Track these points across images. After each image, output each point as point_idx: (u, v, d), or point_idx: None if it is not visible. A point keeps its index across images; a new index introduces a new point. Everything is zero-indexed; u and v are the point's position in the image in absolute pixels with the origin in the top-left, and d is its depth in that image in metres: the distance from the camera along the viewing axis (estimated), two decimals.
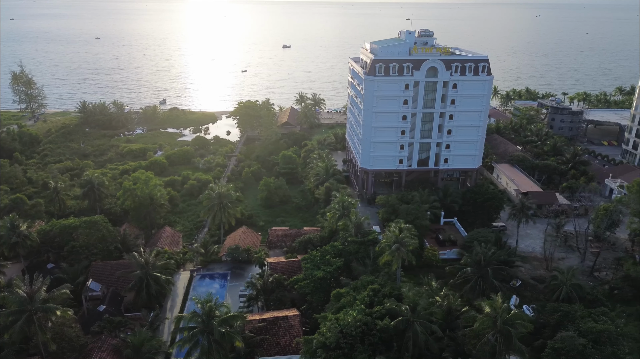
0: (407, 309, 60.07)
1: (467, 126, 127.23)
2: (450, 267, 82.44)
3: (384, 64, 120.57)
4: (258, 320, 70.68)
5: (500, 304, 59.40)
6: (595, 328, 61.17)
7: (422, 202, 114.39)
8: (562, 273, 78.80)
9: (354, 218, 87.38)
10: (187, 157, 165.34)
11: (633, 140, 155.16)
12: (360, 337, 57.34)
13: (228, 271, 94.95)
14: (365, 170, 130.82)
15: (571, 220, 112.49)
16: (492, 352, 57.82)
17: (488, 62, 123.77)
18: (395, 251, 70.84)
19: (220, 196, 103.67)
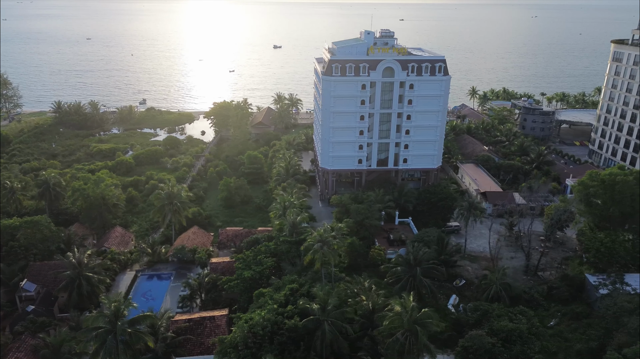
0: (318, 308, 60.16)
1: (425, 126, 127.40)
2: (384, 266, 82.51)
3: (340, 64, 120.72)
4: (184, 320, 70.81)
5: (410, 303, 59.48)
6: (506, 326, 61.33)
7: (377, 202, 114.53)
8: (492, 273, 78.94)
9: (290, 217, 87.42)
10: (156, 157, 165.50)
11: (598, 140, 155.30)
12: (269, 336, 57.44)
13: (173, 271, 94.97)
14: (325, 170, 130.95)
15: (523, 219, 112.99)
16: (401, 351, 57.92)
17: (445, 62, 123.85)
18: (318, 250, 70.84)
19: (170, 197, 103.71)
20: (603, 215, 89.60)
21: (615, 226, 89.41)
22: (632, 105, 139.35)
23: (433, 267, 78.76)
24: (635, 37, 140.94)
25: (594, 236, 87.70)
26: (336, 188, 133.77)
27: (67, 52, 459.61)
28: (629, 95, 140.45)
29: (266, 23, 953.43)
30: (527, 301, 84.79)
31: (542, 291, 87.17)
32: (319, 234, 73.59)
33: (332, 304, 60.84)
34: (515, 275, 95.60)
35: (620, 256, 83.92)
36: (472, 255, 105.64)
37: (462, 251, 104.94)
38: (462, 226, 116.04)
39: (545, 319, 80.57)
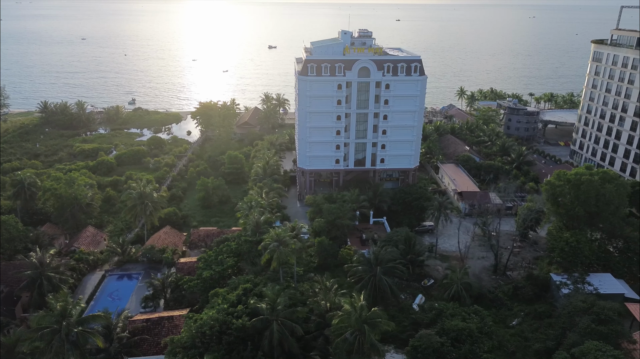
0: (267, 308, 60.16)
1: (402, 126, 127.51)
2: (347, 266, 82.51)
3: (316, 64, 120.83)
4: (142, 320, 70.77)
5: (359, 303, 59.46)
6: (457, 326, 61.31)
7: (352, 202, 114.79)
8: (453, 272, 78.96)
9: (253, 217, 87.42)
10: (138, 157, 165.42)
11: (579, 140, 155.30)
12: (217, 336, 57.41)
13: (142, 271, 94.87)
14: (302, 170, 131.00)
15: (497, 219, 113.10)
16: (350, 350, 57.90)
17: (420, 62, 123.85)
18: (275, 250, 70.79)
19: (142, 196, 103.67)
20: (570, 215, 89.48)
21: (582, 226, 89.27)
22: (611, 105, 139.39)
23: (394, 267, 78.68)
24: (614, 37, 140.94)
25: (559, 236, 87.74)
26: (315, 188, 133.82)
27: (60, 52, 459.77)
28: (608, 95, 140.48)
29: (263, 23, 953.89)
30: (491, 300, 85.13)
31: (508, 290, 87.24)
32: (275, 234, 73.52)
33: (282, 304, 60.78)
34: (483, 274, 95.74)
35: (584, 256, 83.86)
36: (444, 255, 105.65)
37: (434, 251, 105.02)
38: (438, 226, 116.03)
39: (507, 319, 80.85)
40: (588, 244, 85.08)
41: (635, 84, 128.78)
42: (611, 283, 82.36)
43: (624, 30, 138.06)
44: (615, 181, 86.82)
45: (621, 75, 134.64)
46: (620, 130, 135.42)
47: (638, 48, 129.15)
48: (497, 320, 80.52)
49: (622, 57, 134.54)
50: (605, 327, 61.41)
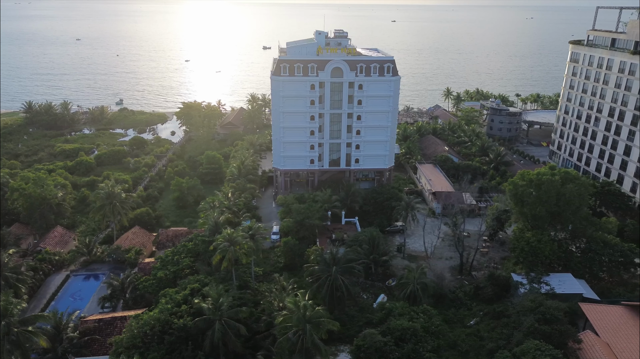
0: (210, 307, 60.17)
1: (376, 126, 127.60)
2: (306, 266, 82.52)
3: (289, 64, 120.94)
4: (94, 320, 70.80)
5: (302, 302, 59.48)
6: (401, 325, 61.33)
7: (324, 202, 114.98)
8: (410, 272, 79.03)
9: (212, 216, 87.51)
10: (118, 157, 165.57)
11: (558, 140, 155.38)
12: (158, 336, 57.45)
13: (107, 271, 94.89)
14: (277, 170, 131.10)
15: (470, 219, 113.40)
16: (292, 350, 57.93)
17: (394, 62, 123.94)
18: (226, 250, 70.80)
19: (110, 196, 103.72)
20: (533, 215, 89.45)
21: (544, 226, 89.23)
22: (587, 106, 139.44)
23: (352, 266, 78.69)
24: (590, 38, 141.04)
25: (521, 236, 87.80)
26: (291, 188, 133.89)
27: (52, 53, 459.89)
28: (584, 95, 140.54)
29: (260, 24, 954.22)
30: (451, 300, 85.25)
31: (469, 290, 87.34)
32: (227, 234, 73.57)
33: (226, 304, 60.80)
34: (448, 274, 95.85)
35: (544, 256, 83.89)
36: (412, 255, 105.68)
37: (403, 251, 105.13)
38: (407, 226, 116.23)
39: (465, 319, 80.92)
40: (549, 244, 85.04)
41: (610, 85, 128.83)
42: (571, 283, 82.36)
43: (600, 30, 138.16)
44: (576, 182, 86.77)
45: (597, 76, 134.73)
46: (595, 130, 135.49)
47: (612, 48, 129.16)
48: (455, 320, 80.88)
49: (597, 57, 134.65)
50: (548, 327, 61.42)
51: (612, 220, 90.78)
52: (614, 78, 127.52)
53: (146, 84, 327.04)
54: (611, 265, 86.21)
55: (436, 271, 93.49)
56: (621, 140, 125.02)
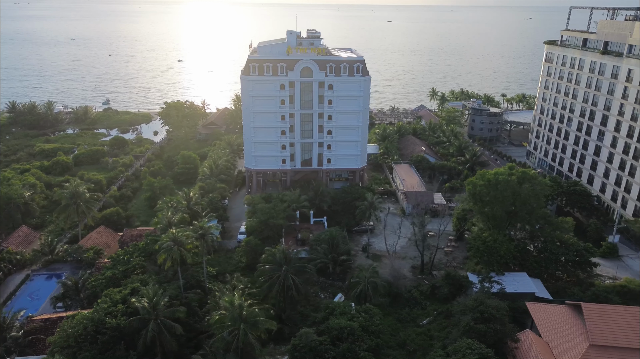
0: (146, 307, 60.27)
1: (347, 126, 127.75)
2: (259, 265, 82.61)
3: (258, 64, 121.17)
4: (40, 320, 70.93)
5: (238, 301, 59.61)
6: (338, 324, 61.44)
7: (292, 202, 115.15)
8: (361, 271, 79.13)
9: (165, 216, 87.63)
10: (97, 157, 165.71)
11: (534, 141, 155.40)
12: (92, 336, 57.59)
13: (68, 271, 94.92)
14: (249, 170, 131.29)
15: (437, 219, 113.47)
16: (227, 349, 58.04)
17: (363, 63, 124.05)
18: (170, 249, 70.92)
19: (74, 196, 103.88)
20: (492, 215, 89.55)
21: (503, 226, 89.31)
22: (560, 106, 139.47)
23: (303, 266, 78.81)
24: (564, 38, 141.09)
25: (478, 236, 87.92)
26: (265, 188, 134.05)
27: (45, 53, 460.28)
28: (558, 96, 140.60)
29: (258, 24, 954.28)
30: (407, 299, 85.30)
31: (426, 290, 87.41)
32: (172, 233, 73.72)
33: (163, 303, 60.93)
34: (410, 273, 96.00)
35: (500, 256, 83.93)
36: (377, 254, 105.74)
37: (367, 251, 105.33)
38: (375, 226, 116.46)
39: (418, 318, 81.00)
40: (505, 244, 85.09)
41: (581, 85, 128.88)
42: (525, 283, 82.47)
43: (572, 30, 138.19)
44: (533, 181, 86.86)
45: (569, 76, 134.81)
46: (568, 130, 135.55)
47: (584, 49, 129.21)
48: (408, 319, 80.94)
49: (570, 57, 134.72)
50: (484, 326, 61.49)
51: (568, 219, 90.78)
52: (585, 78, 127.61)
53: (134, 84, 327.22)
54: (567, 265, 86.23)
55: (398, 270, 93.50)
56: (592, 141, 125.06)
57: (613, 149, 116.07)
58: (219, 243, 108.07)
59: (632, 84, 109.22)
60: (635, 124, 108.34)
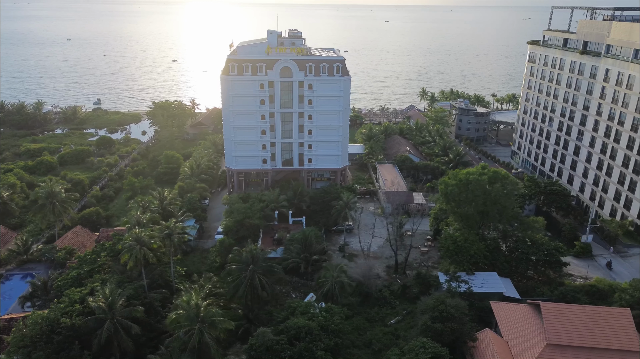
0: (102, 307, 60.30)
1: (328, 126, 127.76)
2: (227, 265, 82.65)
3: (237, 63, 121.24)
4: (5, 319, 70.98)
5: (195, 300, 59.65)
6: (296, 324, 61.46)
7: (271, 201, 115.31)
8: (327, 270, 79.13)
9: (133, 215, 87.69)
10: (82, 156, 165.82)
11: (518, 140, 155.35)
12: (47, 335, 57.65)
13: (41, 271, 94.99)
14: (230, 170, 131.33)
15: (415, 219, 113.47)
16: (183, 349, 58.05)
17: (343, 62, 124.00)
18: (133, 249, 70.92)
19: (50, 195, 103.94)
20: (465, 214, 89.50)
21: (474, 225, 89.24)
22: (542, 106, 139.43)
23: (271, 266, 78.85)
24: (546, 38, 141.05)
25: (449, 235, 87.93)
26: (247, 188, 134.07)
27: (40, 53, 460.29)
28: (540, 95, 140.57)
29: (256, 24, 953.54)
30: (377, 299, 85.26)
31: (397, 289, 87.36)
32: (134, 233, 73.75)
33: (120, 303, 60.96)
34: (384, 273, 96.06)
35: (470, 255, 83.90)
36: (353, 254, 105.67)
37: (344, 250, 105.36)
38: (353, 226, 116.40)
39: (387, 318, 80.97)
40: (476, 243, 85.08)
41: (562, 85, 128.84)
42: (494, 282, 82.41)
43: (554, 30, 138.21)
44: (504, 181, 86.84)
45: (550, 76, 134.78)
46: (549, 130, 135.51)
47: (564, 48, 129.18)
48: (377, 319, 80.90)
49: (551, 57, 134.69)
50: (441, 325, 61.48)
51: (539, 219, 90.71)
52: (565, 78, 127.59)
53: (126, 85, 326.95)
54: (538, 264, 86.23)
55: (369, 269, 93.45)
56: (571, 140, 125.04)
57: (591, 149, 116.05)
58: (196, 242, 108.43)
59: (609, 84, 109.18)
60: (612, 124, 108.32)
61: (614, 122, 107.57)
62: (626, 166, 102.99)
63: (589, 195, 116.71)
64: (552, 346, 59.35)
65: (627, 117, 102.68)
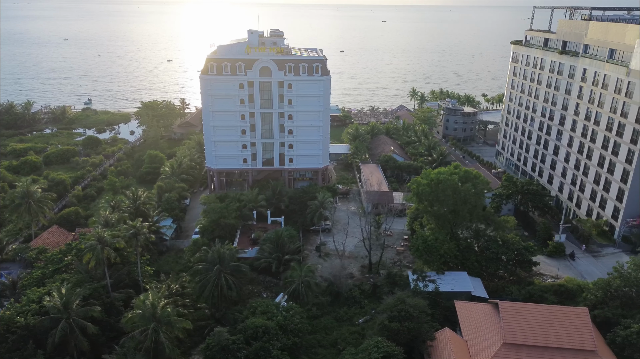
0: (58, 306, 60.32)
1: (308, 126, 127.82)
2: (194, 265, 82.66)
3: (216, 63, 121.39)
4: None
5: (151, 300, 59.67)
6: (254, 323, 61.50)
7: (249, 201, 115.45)
8: (294, 270, 79.18)
9: (102, 215, 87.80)
10: (67, 156, 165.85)
11: (502, 140, 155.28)
12: (2, 334, 57.72)
13: (12, 271, 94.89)
14: (210, 169, 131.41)
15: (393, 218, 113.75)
16: (138, 348, 58.08)
17: (323, 62, 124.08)
18: (94, 249, 70.92)
19: (26, 195, 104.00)
20: (437, 214, 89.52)
21: (447, 225, 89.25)
22: (524, 105, 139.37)
23: (237, 265, 78.90)
24: (528, 38, 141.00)
25: (420, 235, 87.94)
26: (228, 188, 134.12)
27: (34, 53, 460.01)
28: (522, 95, 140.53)
29: (255, 24, 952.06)
30: (346, 298, 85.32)
31: (368, 289, 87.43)
32: (97, 232, 73.80)
33: (77, 302, 60.99)
34: (358, 272, 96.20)
35: (439, 255, 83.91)
36: (330, 253, 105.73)
37: (320, 250, 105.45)
38: (331, 225, 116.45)
39: (355, 317, 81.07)
40: (446, 243, 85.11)
41: (543, 84, 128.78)
42: (463, 281, 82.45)
43: (536, 30, 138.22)
44: (474, 181, 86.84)
45: (532, 76, 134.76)
46: (531, 130, 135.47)
47: (545, 48, 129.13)
48: (345, 318, 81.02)
49: (532, 57, 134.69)
50: (398, 324, 61.49)
51: (510, 218, 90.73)
52: (545, 78, 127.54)
53: (118, 84, 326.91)
54: (508, 264, 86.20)
55: (340, 269, 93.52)
56: (551, 140, 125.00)
57: (569, 149, 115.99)
58: (173, 242, 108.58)
59: (587, 84, 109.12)
60: (589, 124, 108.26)
61: (590, 122, 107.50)
62: (601, 166, 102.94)
63: (567, 194, 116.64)
64: (508, 345, 59.35)
65: (603, 117, 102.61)
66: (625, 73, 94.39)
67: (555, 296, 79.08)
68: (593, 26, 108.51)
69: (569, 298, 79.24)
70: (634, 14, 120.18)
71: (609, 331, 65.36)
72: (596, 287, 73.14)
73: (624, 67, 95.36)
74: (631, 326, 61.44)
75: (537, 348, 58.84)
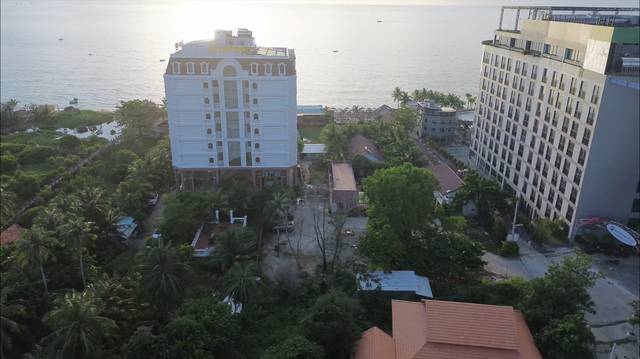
0: None
1: (274, 126, 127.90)
2: (135, 264, 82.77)
3: (180, 62, 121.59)
4: None
5: (77, 299, 59.79)
6: (179, 322, 61.58)
7: (212, 201, 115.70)
8: (236, 269, 79.27)
9: (49, 214, 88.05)
10: (42, 155, 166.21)
11: (475, 140, 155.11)
12: None
13: None
14: (177, 169, 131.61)
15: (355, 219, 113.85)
16: (59, 347, 58.16)
17: (287, 62, 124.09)
18: (26, 248, 71.04)
19: None
20: (389, 213, 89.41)
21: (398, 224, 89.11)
22: (494, 106, 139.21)
23: (180, 265, 79.00)
24: (497, 38, 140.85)
25: (369, 234, 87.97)
26: (196, 188, 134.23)
27: (27, 53, 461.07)
28: (492, 95, 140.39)
29: (254, 24, 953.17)
30: (293, 298, 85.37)
31: (317, 288, 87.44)
32: (29, 231, 73.92)
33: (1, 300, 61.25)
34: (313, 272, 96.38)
35: (387, 254, 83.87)
36: (287, 254, 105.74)
37: (279, 250, 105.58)
38: (294, 225, 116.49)
39: (299, 317, 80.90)
40: (394, 242, 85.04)
41: (509, 84, 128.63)
42: (408, 281, 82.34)
43: (504, 30, 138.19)
44: (423, 181, 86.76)
45: (500, 76, 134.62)
46: (499, 130, 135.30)
47: (512, 48, 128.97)
48: (290, 317, 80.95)
49: (501, 57, 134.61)
50: (322, 323, 61.50)
51: (459, 218, 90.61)
52: (512, 78, 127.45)
53: (105, 84, 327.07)
54: (457, 263, 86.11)
55: (302, 268, 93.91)
56: (517, 140, 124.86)
57: (532, 149, 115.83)
58: (132, 241, 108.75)
59: (547, 84, 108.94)
60: (548, 124, 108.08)
61: (549, 122, 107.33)
62: (558, 166, 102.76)
63: (530, 194, 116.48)
64: (431, 344, 59.35)
65: (560, 116, 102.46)
66: (579, 73, 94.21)
67: (499, 296, 79.04)
68: (553, 26, 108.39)
69: (511, 298, 79.07)
70: (599, 14, 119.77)
71: (539, 330, 65.27)
72: (531, 286, 73.06)
73: (579, 66, 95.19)
74: (557, 326, 61.30)
75: (460, 347, 58.80)
